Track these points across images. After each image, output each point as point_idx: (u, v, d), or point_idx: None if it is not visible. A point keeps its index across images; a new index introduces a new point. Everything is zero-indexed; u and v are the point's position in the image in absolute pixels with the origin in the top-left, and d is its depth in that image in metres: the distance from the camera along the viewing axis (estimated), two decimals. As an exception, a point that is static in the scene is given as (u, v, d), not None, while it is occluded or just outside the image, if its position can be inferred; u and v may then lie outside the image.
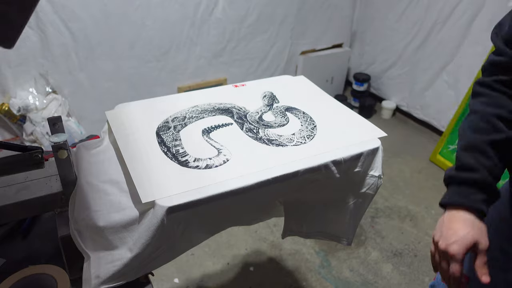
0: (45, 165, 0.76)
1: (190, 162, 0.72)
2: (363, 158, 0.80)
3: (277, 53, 2.72)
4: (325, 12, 2.80)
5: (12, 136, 2.02)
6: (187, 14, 2.21)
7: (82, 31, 1.97)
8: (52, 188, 0.69)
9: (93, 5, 1.94)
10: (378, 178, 0.84)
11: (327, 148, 0.79)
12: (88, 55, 2.05)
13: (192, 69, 2.42)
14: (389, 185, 2.23)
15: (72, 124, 2.03)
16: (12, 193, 0.68)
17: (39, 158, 0.65)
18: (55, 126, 0.71)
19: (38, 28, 1.87)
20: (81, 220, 0.65)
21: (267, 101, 0.97)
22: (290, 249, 1.81)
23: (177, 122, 0.85)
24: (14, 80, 1.95)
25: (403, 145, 2.63)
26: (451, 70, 2.45)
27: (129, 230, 0.63)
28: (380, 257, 1.79)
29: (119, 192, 0.68)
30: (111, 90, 2.19)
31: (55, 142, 0.63)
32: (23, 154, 0.65)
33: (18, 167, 0.66)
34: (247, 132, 0.83)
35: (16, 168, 0.66)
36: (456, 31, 2.35)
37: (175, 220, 0.62)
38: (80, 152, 0.79)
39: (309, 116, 0.91)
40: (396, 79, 2.89)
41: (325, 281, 1.66)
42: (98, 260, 0.64)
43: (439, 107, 2.59)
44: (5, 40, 0.46)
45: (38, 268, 0.65)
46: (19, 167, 0.66)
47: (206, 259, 1.74)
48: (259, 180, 0.69)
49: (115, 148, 0.79)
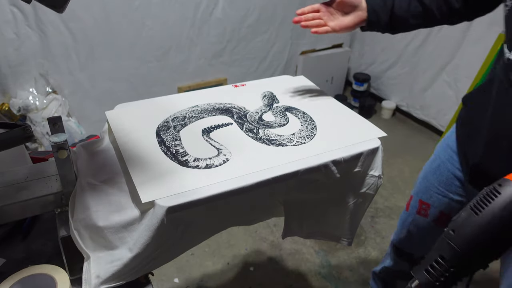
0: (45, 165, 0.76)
1: (190, 162, 0.72)
2: (363, 158, 0.80)
3: (277, 53, 2.72)
4: (325, 12, 2.80)
5: (12, 136, 2.02)
6: (187, 14, 2.21)
7: (82, 31, 1.97)
8: (52, 188, 0.70)
9: (93, 5, 1.94)
10: (378, 178, 0.84)
11: (327, 148, 0.79)
12: (88, 55, 2.05)
13: (192, 69, 2.42)
14: (389, 185, 2.23)
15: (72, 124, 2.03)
16: (12, 193, 0.68)
17: (30, 131, 0.67)
18: (55, 126, 0.71)
19: (38, 28, 1.87)
20: (81, 220, 0.65)
21: (267, 101, 0.97)
22: (290, 249, 1.81)
23: (177, 122, 0.85)
24: (14, 80, 1.95)
25: (403, 145, 2.63)
26: (451, 70, 2.45)
27: (129, 230, 0.63)
28: (380, 257, 1.79)
29: (119, 192, 0.68)
30: (111, 90, 2.19)
31: (55, 142, 0.63)
32: (15, 129, 0.66)
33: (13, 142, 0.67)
34: (247, 132, 0.83)
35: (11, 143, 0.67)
36: (456, 31, 2.35)
37: (175, 220, 0.62)
38: (80, 152, 0.79)
39: (309, 116, 0.91)
40: (396, 79, 2.89)
41: (325, 281, 1.66)
42: (98, 260, 0.64)
43: (439, 107, 2.59)
44: (56, 3, 0.49)
45: (38, 268, 0.65)
46: (14, 142, 0.67)
47: (206, 259, 1.74)
48: (259, 180, 0.69)
49: (115, 148, 0.79)
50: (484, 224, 0.53)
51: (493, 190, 0.55)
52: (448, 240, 0.55)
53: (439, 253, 0.56)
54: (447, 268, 0.54)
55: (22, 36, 1.86)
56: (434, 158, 1.09)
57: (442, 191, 1.04)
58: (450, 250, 0.55)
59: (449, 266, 0.54)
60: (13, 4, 1.78)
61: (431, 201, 0.80)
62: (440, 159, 1.05)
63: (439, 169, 1.05)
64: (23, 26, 1.84)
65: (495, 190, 0.55)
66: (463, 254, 0.54)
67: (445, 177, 1.03)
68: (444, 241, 0.56)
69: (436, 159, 1.07)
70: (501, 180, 0.56)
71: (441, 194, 1.05)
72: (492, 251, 0.55)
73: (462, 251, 0.54)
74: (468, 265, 0.55)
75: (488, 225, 0.53)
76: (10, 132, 0.66)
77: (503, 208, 0.53)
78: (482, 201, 0.55)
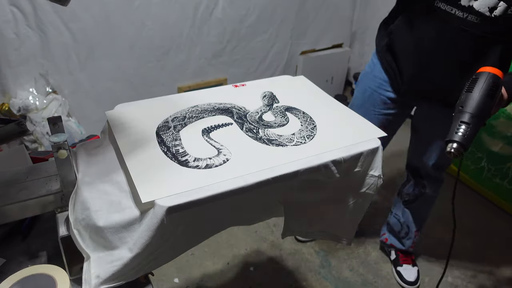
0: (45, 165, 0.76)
1: (190, 162, 0.72)
2: (363, 158, 0.80)
3: (277, 53, 2.72)
4: (325, 12, 2.80)
5: (12, 136, 2.02)
6: (187, 14, 2.21)
7: (82, 31, 1.97)
8: (52, 188, 0.70)
9: (93, 5, 1.94)
10: (378, 178, 0.84)
11: (327, 148, 0.79)
12: (88, 55, 2.05)
13: (192, 69, 2.42)
14: (389, 185, 2.23)
15: (72, 124, 2.03)
16: (12, 193, 0.68)
17: (24, 126, 0.68)
18: (55, 126, 0.71)
19: (38, 28, 1.87)
20: (81, 220, 0.65)
21: (267, 101, 0.97)
22: (290, 249, 1.81)
23: (177, 122, 0.85)
24: (14, 80, 1.95)
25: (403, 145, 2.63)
26: (451, 70, 2.45)
27: (129, 230, 0.63)
28: (380, 257, 1.80)
29: (119, 192, 0.68)
30: (111, 90, 2.19)
31: (55, 142, 0.63)
32: (10, 124, 0.67)
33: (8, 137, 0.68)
34: (247, 132, 0.83)
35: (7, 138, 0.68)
36: (456, 31, 2.35)
37: (175, 220, 0.62)
38: (80, 152, 0.79)
39: (309, 116, 0.91)
40: (396, 79, 2.89)
41: (325, 281, 1.66)
42: (98, 260, 0.64)
43: (439, 107, 2.59)
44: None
45: (38, 268, 0.65)
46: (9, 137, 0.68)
47: (206, 259, 1.74)
48: (259, 180, 0.69)
49: (115, 148, 0.79)
50: (478, 92, 0.86)
51: (474, 78, 0.89)
52: (461, 112, 0.85)
53: (459, 120, 0.84)
54: (468, 126, 0.83)
55: (22, 36, 1.86)
56: (364, 89, 1.39)
57: (378, 111, 1.38)
58: (466, 115, 0.84)
59: (468, 124, 0.83)
60: (13, 4, 1.78)
61: (372, 122, 0.94)
62: (371, 89, 1.37)
63: (372, 96, 1.37)
64: (23, 26, 1.84)
65: (475, 77, 0.89)
66: (474, 113, 0.84)
67: (378, 101, 1.36)
68: (458, 114, 0.86)
69: (366, 89, 1.38)
70: (476, 74, 0.90)
71: (377, 114, 1.38)
72: (486, 107, 0.86)
73: (473, 111, 0.85)
74: (478, 121, 0.84)
75: (480, 91, 0.86)
76: (4, 127, 0.66)
77: (483, 82, 0.87)
78: (471, 85, 0.88)
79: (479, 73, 0.89)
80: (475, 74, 0.90)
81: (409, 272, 1.68)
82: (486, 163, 2.18)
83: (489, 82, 0.86)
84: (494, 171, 2.14)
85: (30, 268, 0.65)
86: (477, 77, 0.88)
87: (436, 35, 1.10)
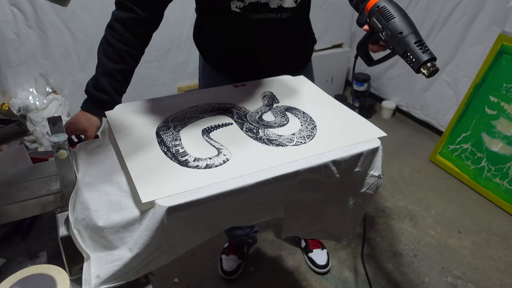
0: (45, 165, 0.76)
1: (190, 162, 0.72)
2: (363, 158, 0.80)
3: (277, 53, 2.71)
4: (325, 12, 2.80)
5: (12, 136, 2.02)
6: (187, 14, 2.21)
7: (82, 31, 1.97)
8: (52, 188, 0.70)
9: (93, 5, 1.94)
10: (378, 178, 0.84)
11: (327, 148, 0.79)
12: (88, 55, 2.05)
13: (192, 69, 2.42)
14: (389, 185, 2.23)
15: (72, 124, 2.03)
16: (12, 193, 0.68)
17: (25, 126, 0.68)
18: (55, 126, 0.71)
19: (38, 28, 1.87)
20: (81, 220, 0.65)
21: (267, 101, 0.97)
22: (290, 249, 1.81)
23: (177, 122, 0.85)
24: (15, 80, 1.95)
25: (403, 145, 2.64)
26: (451, 70, 2.45)
27: (129, 230, 0.63)
28: (380, 257, 1.80)
29: (119, 192, 0.68)
30: (111, 90, 2.19)
31: (55, 142, 0.63)
32: (10, 125, 0.67)
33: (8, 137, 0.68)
34: (247, 132, 0.83)
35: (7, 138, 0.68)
36: (456, 31, 2.35)
37: (175, 220, 0.63)
38: (80, 152, 0.79)
39: (309, 116, 0.91)
40: (396, 79, 2.89)
41: (325, 281, 1.66)
42: (98, 260, 0.64)
43: (439, 107, 2.59)
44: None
45: (38, 268, 0.65)
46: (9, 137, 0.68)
47: (206, 259, 1.74)
48: (259, 180, 0.69)
49: (115, 148, 0.79)
50: (398, 14, 0.85)
51: (382, 8, 0.86)
52: (406, 36, 0.85)
53: (412, 42, 0.84)
54: (423, 42, 0.85)
55: (22, 36, 1.86)
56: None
57: None
58: (412, 36, 0.85)
59: (421, 41, 0.85)
60: (13, 4, 1.78)
61: None
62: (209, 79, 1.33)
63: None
64: (23, 26, 1.84)
65: (382, 7, 0.86)
66: (413, 30, 0.85)
67: None
68: (405, 40, 0.85)
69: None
70: (377, 7, 0.87)
71: None
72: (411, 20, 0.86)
73: (412, 29, 0.86)
74: (419, 35, 0.86)
75: (398, 12, 0.85)
76: (5, 127, 0.67)
77: (390, 5, 0.86)
78: (386, 15, 0.86)
79: (377, 4, 0.86)
80: (376, 8, 0.87)
81: (319, 256, 1.72)
82: (486, 163, 2.18)
83: (391, 2, 0.86)
84: (494, 171, 2.14)
85: (30, 268, 0.65)
86: (383, 6, 0.86)
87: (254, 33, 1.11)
